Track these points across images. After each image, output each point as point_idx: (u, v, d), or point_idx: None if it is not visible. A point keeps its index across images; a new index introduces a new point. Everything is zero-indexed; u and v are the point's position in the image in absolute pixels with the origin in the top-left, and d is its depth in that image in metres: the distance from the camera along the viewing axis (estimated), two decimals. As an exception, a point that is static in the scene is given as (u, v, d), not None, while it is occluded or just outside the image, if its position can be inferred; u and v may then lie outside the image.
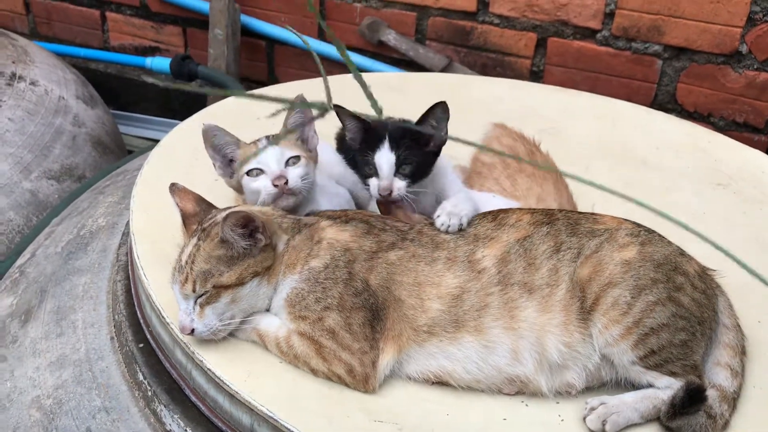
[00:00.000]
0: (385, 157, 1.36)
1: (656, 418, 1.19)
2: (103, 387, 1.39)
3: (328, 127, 1.49)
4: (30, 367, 1.47)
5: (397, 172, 1.36)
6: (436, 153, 1.41)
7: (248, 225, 1.21)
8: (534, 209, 1.34)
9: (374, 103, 0.74)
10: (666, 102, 2.72)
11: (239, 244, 1.22)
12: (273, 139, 1.43)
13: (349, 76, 2.62)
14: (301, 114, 1.45)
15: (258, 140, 1.46)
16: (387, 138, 1.36)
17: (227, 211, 1.25)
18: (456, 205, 1.33)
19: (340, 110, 1.39)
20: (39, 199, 2.39)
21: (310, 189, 1.41)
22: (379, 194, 1.37)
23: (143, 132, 3.48)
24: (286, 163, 1.39)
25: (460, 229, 1.30)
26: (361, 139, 1.41)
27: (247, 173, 1.39)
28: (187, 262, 1.22)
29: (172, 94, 3.47)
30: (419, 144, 1.38)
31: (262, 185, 1.37)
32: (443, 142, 1.40)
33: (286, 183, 1.36)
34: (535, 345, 1.20)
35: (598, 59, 2.73)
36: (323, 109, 0.74)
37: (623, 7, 2.60)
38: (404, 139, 1.36)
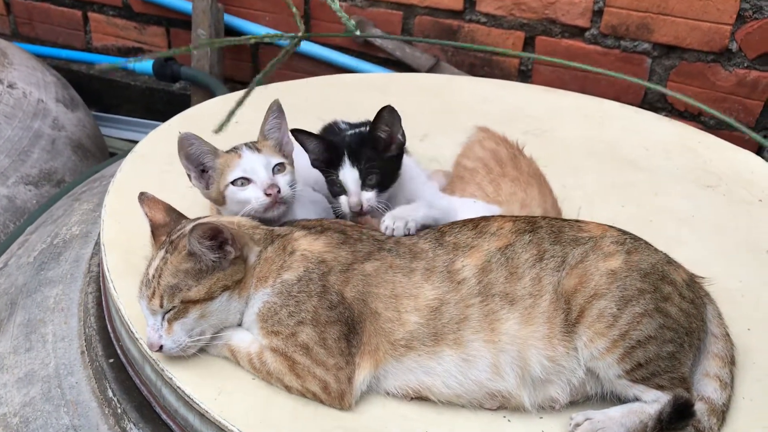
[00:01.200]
0: (348, 174, 1.36)
1: (643, 433, 1.15)
2: (72, 404, 1.34)
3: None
4: (-3, 384, 1.42)
5: (364, 185, 1.35)
6: (399, 156, 1.40)
7: (217, 237, 1.17)
8: (516, 216, 1.30)
9: (346, 20, 0.72)
10: (655, 101, 2.69)
11: (207, 257, 1.17)
12: (254, 147, 1.38)
13: (333, 77, 2.56)
14: (278, 120, 1.41)
15: (236, 148, 1.40)
16: (346, 153, 1.35)
17: (194, 223, 1.20)
18: (406, 210, 1.32)
19: (297, 132, 1.37)
20: (16, 205, 2.34)
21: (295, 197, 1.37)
22: (351, 210, 1.36)
23: (127, 134, 3.43)
24: (273, 171, 1.35)
25: (407, 234, 1.29)
26: (323, 159, 1.39)
27: (232, 183, 1.34)
28: (154, 276, 1.18)
29: (156, 95, 3.41)
30: (379, 151, 1.37)
31: (252, 195, 1.32)
32: (402, 144, 1.40)
33: (279, 191, 1.32)
34: (516, 359, 1.16)
35: (587, 58, 2.69)
36: (296, 39, 0.70)
37: (611, 5, 2.56)
38: (363, 149, 1.35)
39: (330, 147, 1.38)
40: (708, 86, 2.58)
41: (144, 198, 1.31)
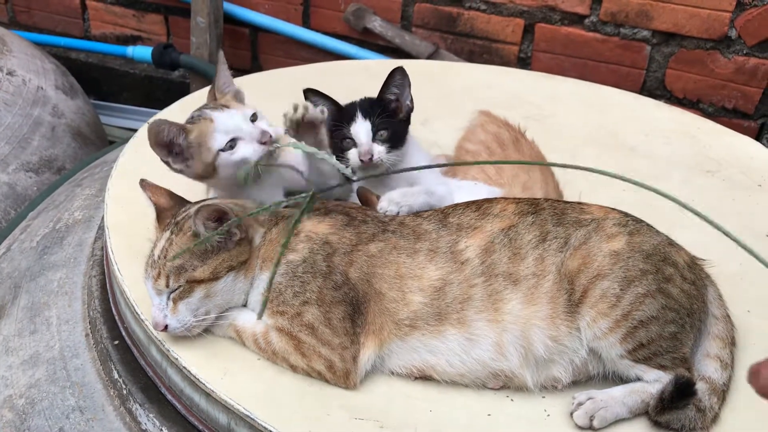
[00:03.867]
0: (361, 126, 1.38)
1: (645, 412, 1.16)
2: (78, 386, 1.35)
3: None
4: (2, 366, 1.43)
5: (375, 138, 1.37)
6: (407, 121, 1.44)
7: (221, 218, 1.17)
8: (519, 198, 1.31)
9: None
10: (655, 88, 2.69)
11: (213, 239, 1.18)
12: (219, 106, 1.31)
13: (333, 63, 2.56)
14: (227, 72, 1.36)
15: (200, 115, 1.30)
16: (359, 110, 1.38)
17: (199, 205, 1.21)
18: (404, 195, 1.33)
19: (309, 92, 1.38)
20: (17, 192, 2.34)
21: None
22: (361, 160, 1.36)
23: (126, 122, 3.42)
24: (252, 121, 1.29)
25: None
26: (333, 119, 1.40)
27: (221, 150, 1.26)
28: (160, 257, 1.18)
29: (155, 83, 3.41)
30: (389, 113, 1.40)
31: (248, 150, 1.26)
32: (411, 110, 1.44)
33: (270, 136, 1.27)
34: (519, 338, 1.17)
35: (587, 45, 2.69)
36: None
37: (611, -8, 2.57)
38: (374, 108, 1.39)
39: (341, 109, 1.41)
40: (707, 73, 2.59)
41: (145, 184, 1.31)
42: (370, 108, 1.39)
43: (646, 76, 2.68)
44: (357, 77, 2.20)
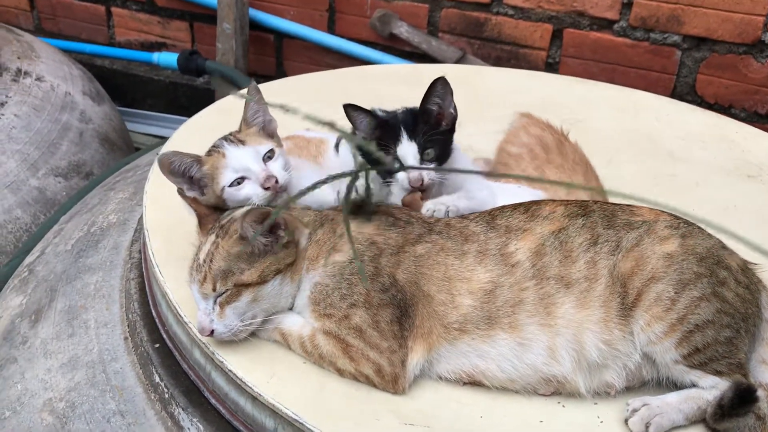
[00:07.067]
0: (407, 148, 1.32)
1: (701, 419, 1.13)
2: (118, 389, 1.33)
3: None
4: (41, 369, 1.41)
5: (422, 159, 1.32)
6: (451, 130, 1.38)
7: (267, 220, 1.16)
8: (567, 201, 1.28)
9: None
10: (685, 93, 2.66)
11: (259, 241, 1.16)
12: (236, 140, 1.32)
13: (362, 68, 2.53)
14: (259, 102, 1.35)
15: (216, 147, 1.33)
16: (403, 129, 1.32)
17: (247, 208, 1.19)
18: (449, 198, 1.31)
19: (349, 108, 1.32)
20: (46, 196, 2.34)
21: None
22: (411, 186, 1.31)
23: (150, 129, 3.43)
24: (264, 160, 1.29)
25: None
26: (375, 136, 1.34)
27: (228, 185, 1.29)
28: (205, 261, 1.17)
29: (179, 90, 3.41)
30: (433, 125, 1.34)
31: (252, 192, 1.28)
32: (455, 118, 1.38)
33: (277, 181, 1.27)
34: (572, 343, 1.14)
35: (616, 50, 2.67)
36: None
37: (642, -3, 2.54)
38: (418, 125, 1.33)
39: (383, 124, 1.34)
40: (739, 78, 2.56)
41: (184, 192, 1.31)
42: (414, 124, 1.32)
43: (676, 82, 2.65)
44: (388, 81, 2.19)
